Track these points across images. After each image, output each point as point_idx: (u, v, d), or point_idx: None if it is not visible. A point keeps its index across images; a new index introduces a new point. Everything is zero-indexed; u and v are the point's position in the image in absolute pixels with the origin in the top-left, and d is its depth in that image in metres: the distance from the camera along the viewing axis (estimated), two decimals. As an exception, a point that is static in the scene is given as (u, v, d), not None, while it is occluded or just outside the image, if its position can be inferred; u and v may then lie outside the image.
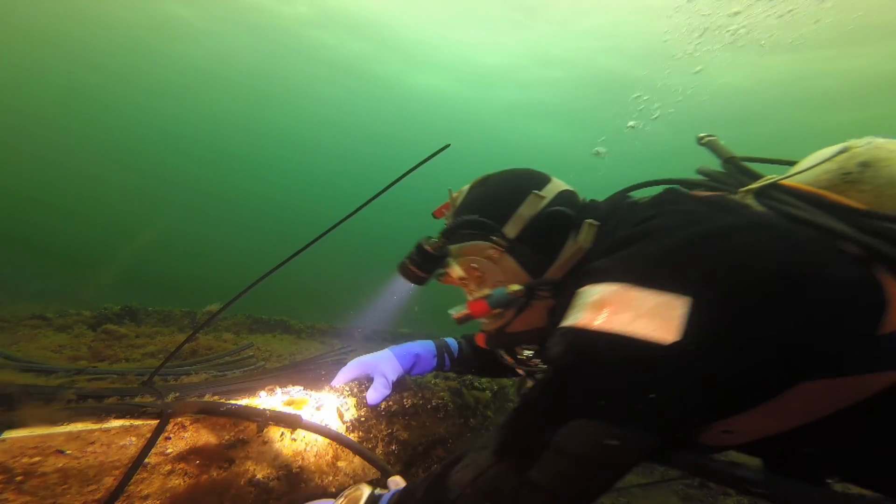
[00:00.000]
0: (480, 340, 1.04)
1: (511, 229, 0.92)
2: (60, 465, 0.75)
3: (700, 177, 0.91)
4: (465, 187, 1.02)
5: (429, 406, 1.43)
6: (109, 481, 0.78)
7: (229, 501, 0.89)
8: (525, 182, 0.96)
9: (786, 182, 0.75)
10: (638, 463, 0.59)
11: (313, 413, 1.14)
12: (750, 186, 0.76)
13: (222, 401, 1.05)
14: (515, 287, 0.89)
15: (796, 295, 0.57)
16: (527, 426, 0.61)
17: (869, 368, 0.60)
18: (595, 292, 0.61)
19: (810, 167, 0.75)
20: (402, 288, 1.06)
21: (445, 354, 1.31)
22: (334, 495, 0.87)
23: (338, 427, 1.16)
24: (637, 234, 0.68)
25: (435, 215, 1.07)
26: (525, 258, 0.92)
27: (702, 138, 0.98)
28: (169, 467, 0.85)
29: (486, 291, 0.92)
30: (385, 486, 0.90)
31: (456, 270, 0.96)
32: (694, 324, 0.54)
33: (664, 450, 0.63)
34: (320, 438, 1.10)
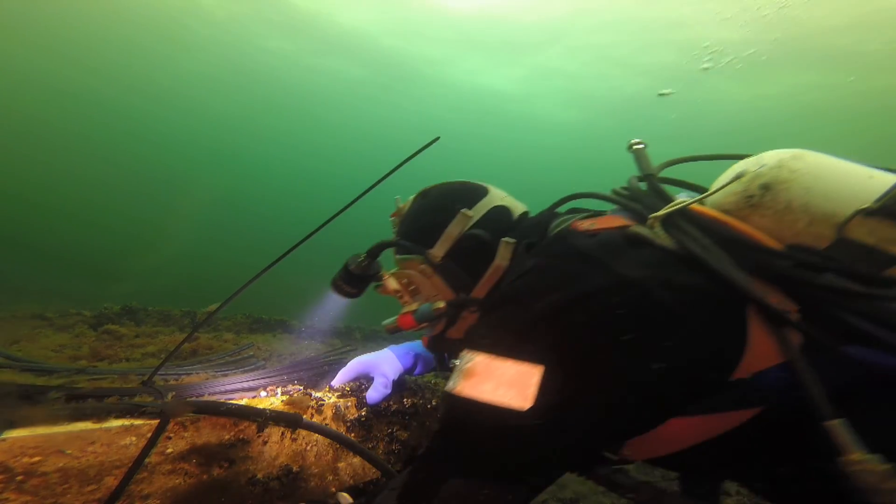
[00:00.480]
0: (425, 343, 1.13)
1: (440, 249, 0.98)
2: (61, 464, 0.76)
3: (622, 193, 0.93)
4: (411, 198, 1.09)
5: (429, 406, 1.42)
6: (110, 481, 0.78)
7: (230, 501, 0.89)
8: (457, 199, 1.02)
9: (694, 207, 0.76)
10: None
11: (313, 413, 1.14)
12: (657, 214, 0.77)
13: (222, 401, 1.05)
14: (440, 304, 0.97)
15: (646, 356, 0.64)
16: (420, 479, 0.69)
17: (730, 408, 0.68)
18: (468, 360, 0.68)
19: (720, 188, 0.76)
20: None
21: (445, 353, 1.33)
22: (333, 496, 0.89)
23: (338, 427, 1.16)
24: (511, 294, 0.75)
25: (392, 216, 1.15)
26: (452, 276, 0.99)
27: (631, 146, 0.98)
28: (169, 467, 0.85)
29: (414, 307, 1.01)
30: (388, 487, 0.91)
31: (391, 283, 1.05)
32: (545, 391, 0.61)
33: (584, 462, 0.76)
34: (321, 438, 1.10)
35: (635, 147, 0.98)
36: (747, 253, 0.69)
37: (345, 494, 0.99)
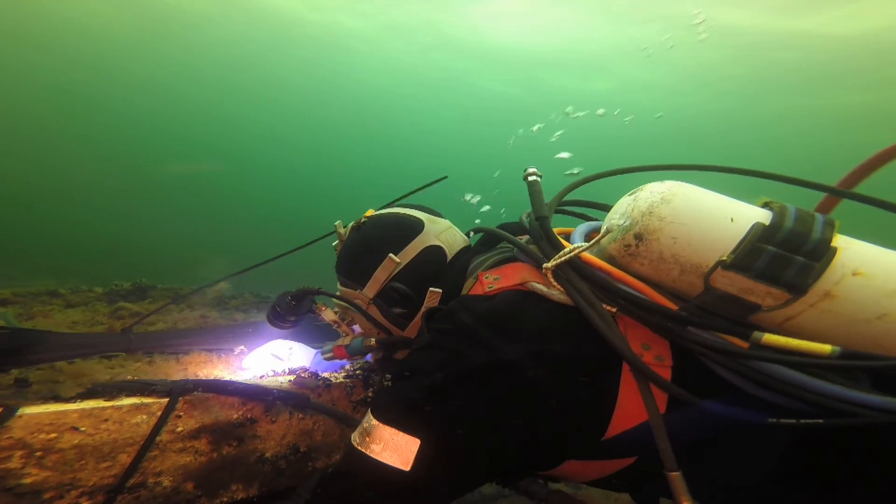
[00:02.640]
0: (373, 360, 1.24)
1: (370, 290, 1.04)
2: (76, 441, 0.77)
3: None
4: (348, 226, 1.14)
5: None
6: (124, 458, 0.80)
7: (240, 479, 0.91)
8: (389, 240, 1.05)
9: (583, 256, 0.80)
10: None
11: (321, 393, 1.15)
12: (547, 265, 0.81)
13: (230, 379, 1.06)
14: (370, 341, 1.05)
15: (517, 428, 0.74)
16: (318, 498, 0.80)
17: (609, 458, 0.78)
18: (368, 420, 0.79)
19: (605, 234, 0.81)
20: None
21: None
22: None
23: (344, 407, 1.18)
24: (406, 367, 0.83)
25: (334, 245, 1.20)
26: (385, 313, 1.05)
27: (526, 176, 0.99)
28: (180, 445, 0.87)
29: (347, 341, 1.09)
30: None
31: (327, 315, 1.12)
32: (420, 458, 0.72)
33: (506, 477, 0.90)
34: (328, 418, 1.11)
35: (530, 179, 0.98)
36: (627, 305, 0.75)
37: None
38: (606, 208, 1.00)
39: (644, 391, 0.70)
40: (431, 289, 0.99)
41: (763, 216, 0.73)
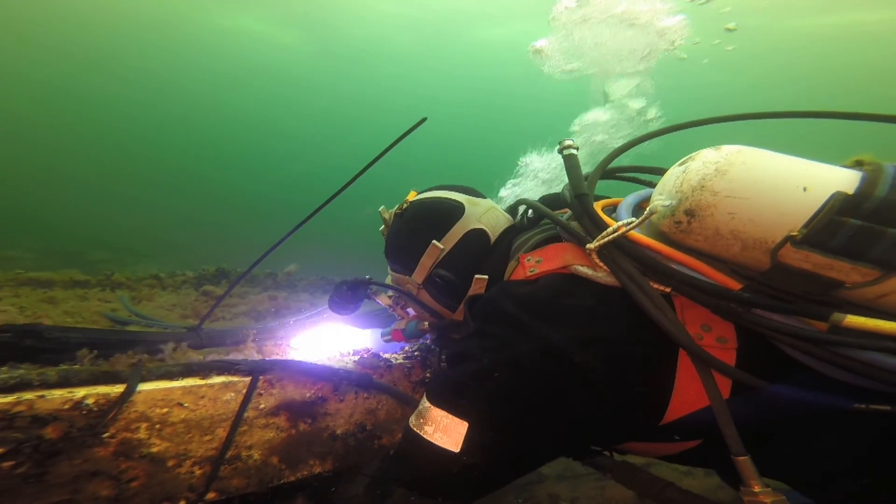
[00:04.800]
0: (431, 341, 1.30)
1: (418, 276, 1.05)
2: (183, 416, 0.90)
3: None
4: (391, 212, 1.15)
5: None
6: (220, 432, 0.91)
7: (316, 455, 1.01)
8: (430, 226, 1.05)
9: (631, 235, 0.74)
10: None
11: (382, 373, 1.22)
12: (591, 246, 0.78)
13: (301, 360, 1.16)
14: (425, 325, 1.08)
15: (567, 413, 0.74)
16: (382, 477, 0.89)
17: (669, 441, 0.77)
18: (423, 403, 0.82)
19: (651, 214, 0.75)
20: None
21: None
22: None
23: (404, 387, 1.24)
24: (457, 354, 0.84)
25: (382, 230, 1.22)
26: (435, 296, 1.06)
27: (561, 149, 0.93)
28: (263, 421, 0.97)
29: (403, 324, 1.13)
30: None
31: (383, 300, 1.16)
32: (469, 441, 0.73)
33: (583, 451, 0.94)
34: (390, 398, 1.18)
35: (566, 152, 0.91)
36: (682, 287, 0.70)
37: None
38: (661, 172, 0.92)
39: (704, 376, 0.66)
40: (477, 276, 0.98)
41: (849, 181, 0.62)
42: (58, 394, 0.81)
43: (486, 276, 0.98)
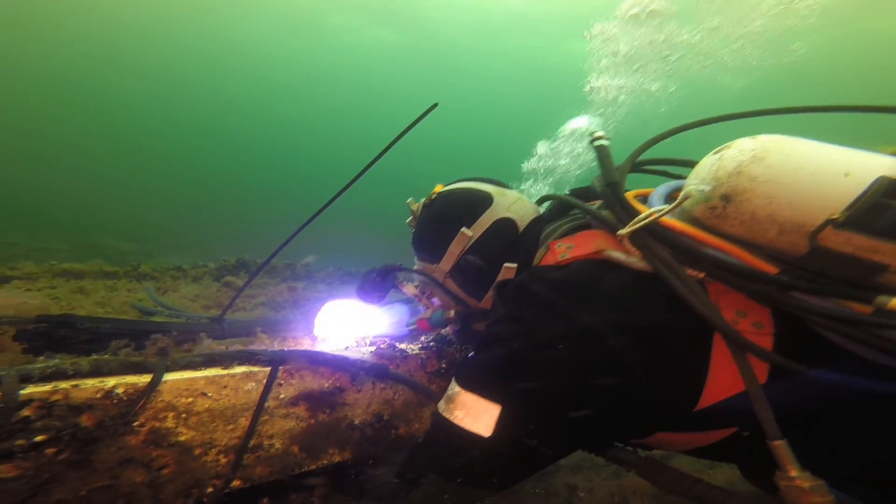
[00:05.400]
0: (452, 332, 1.28)
1: (445, 264, 1.05)
2: (207, 405, 0.93)
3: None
4: (420, 204, 1.15)
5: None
6: (243, 421, 0.94)
7: (335, 444, 1.03)
8: (459, 214, 1.05)
9: (663, 220, 0.74)
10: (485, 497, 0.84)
11: (398, 364, 1.23)
12: (622, 232, 0.77)
13: (319, 350, 1.18)
14: (450, 314, 1.08)
15: (600, 397, 0.72)
16: (412, 465, 0.85)
17: (702, 430, 0.75)
18: (452, 388, 0.82)
19: (685, 199, 0.75)
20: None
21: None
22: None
23: (420, 378, 1.25)
24: (486, 338, 0.83)
25: (408, 222, 1.22)
26: (461, 285, 1.06)
27: (592, 140, 0.94)
28: (284, 411, 1.00)
29: (428, 314, 1.13)
30: None
31: (409, 290, 1.17)
32: (501, 424, 0.73)
33: (592, 446, 0.91)
34: (407, 388, 1.19)
35: (598, 143, 0.92)
36: (716, 271, 0.69)
37: None
38: (691, 164, 0.91)
39: (740, 360, 0.65)
40: (507, 264, 0.98)
41: (891, 167, 0.63)
42: (90, 383, 0.84)
43: (515, 264, 0.98)
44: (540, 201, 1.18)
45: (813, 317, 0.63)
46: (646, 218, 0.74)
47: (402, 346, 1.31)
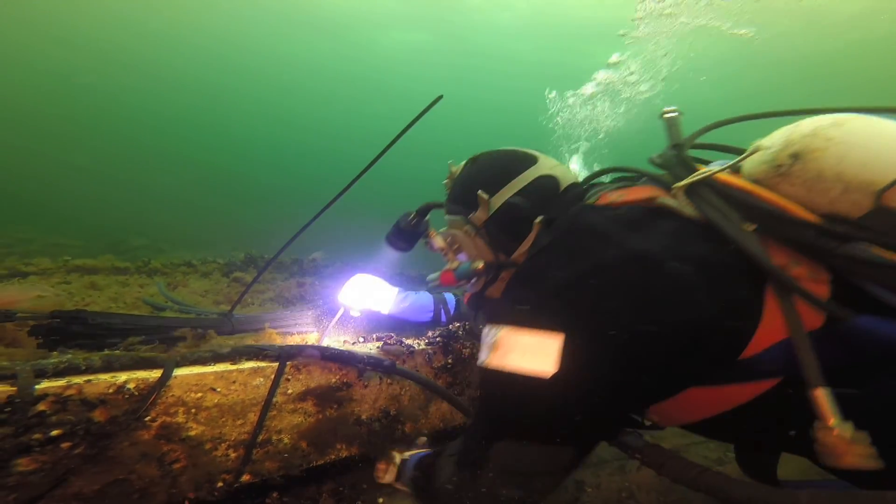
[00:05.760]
0: (466, 299, 1.21)
1: (482, 213, 1.02)
2: (216, 400, 0.94)
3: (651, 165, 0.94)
4: (461, 164, 1.13)
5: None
6: (252, 416, 0.95)
7: (342, 439, 1.04)
8: (504, 166, 1.05)
9: (720, 176, 0.75)
10: (565, 468, 0.73)
11: (405, 360, 1.23)
12: (679, 184, 0.77)
13: (327, 346, 1.19)
14: (479, 264, 1.02)
15: (655, 327, 0.66)
16: (472, 444, 0.77)
17: (746, 379, 0.70)
18: (492, 334, 0.73)
19: (749, 155, 0.76)
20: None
21: (442, 309, 1.48)
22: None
23: (426, 373, 1.25)
24: (527, 271, 0.79)
25: (446, 182, 1.21)
26: (493, 239, 1.03)
27: (663, 114, 0.97)
28: (292, 406, 1.01)
29: (455, 265, 1.07)
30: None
31: (437, 241, 1.12)
32: (567, 357, 0.65)
33: (611, 427, 0.83)
34: (413, 384, 1.20)
35: (668, 116, 0.95)
36: (771, 222, 0.70)
37: (423, 438, 1.10)
38: (739, 152, 0.91)
39: (789, 306, 0.65)
40: (539, 218, 0.96)
41: None
42: (103, 378, 0.86)
43: (556, 216, 0.96)
44: (585, 180, 1.17)
45: (869, 270, 0.63)
46: (703, 174, 0.76)
47: (409, 341, 1.31)
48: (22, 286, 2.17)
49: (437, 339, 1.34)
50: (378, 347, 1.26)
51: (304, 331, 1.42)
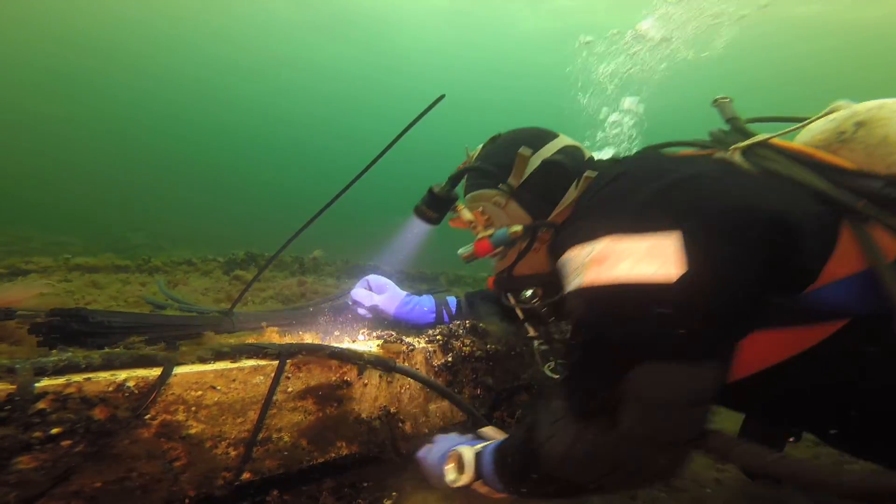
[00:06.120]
0: (490, 284, 1.16)
1: (515, 178, 1.00)
2: (216, 399, 0.94)
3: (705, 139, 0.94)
4: (480, 146, 1.13)
5: (512, 353, 1.45)
6: (252, 415, 0.95)
7: (342, 437, 1.04)
8: (531, 135, 1.05)
9: (774, 141, 0.77)
10: (713, 390, 0.63)
11: (405, 358, 1.23)
12: (737, 145, 0.79)
13: (327, 343, 1.19)
14: (516, 228, 0.98)
15: (754, 229, 0.61)
16: (594, 385, 0.66)
17: (813, 319, 0.65)
18: (589, 251, 0.64)
19: (809, 123, 0.79)
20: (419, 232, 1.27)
21: (444, 311, 1.50)
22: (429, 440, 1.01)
23: (426, 371, 1.25)
24: (608, 193, 0.73)
25: (463, 166, 1.17)
26: (527, 204, 1.01)
27: (716, 100, 0.99)
28: (292, 404, 1.01)
29: (491, 232, 1.03)
30: (473, 431, 1.02)
31: (465, 214, 1.08)
32: (691, 254, 0.58)
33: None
34: (413, 382, 1.20)
35: (721, 101, 0.97)
36: (833, 175, 0.70)
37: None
38: (798, 120, 0.94)
39: (863, 236, 0.63)
40: (586, 173, 0.95)
41: None
42: (102, 376, 0.86)
43: (595, 174, 0.94)
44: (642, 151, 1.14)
45: None
46: (761, 138, 0.78)
47: (409, 339, 1.31)
48: (26, 284, 2.17)
49: (437, 336, 1.34)
50: (378, 345, 1.25)
51: (305, 329, 1.42)
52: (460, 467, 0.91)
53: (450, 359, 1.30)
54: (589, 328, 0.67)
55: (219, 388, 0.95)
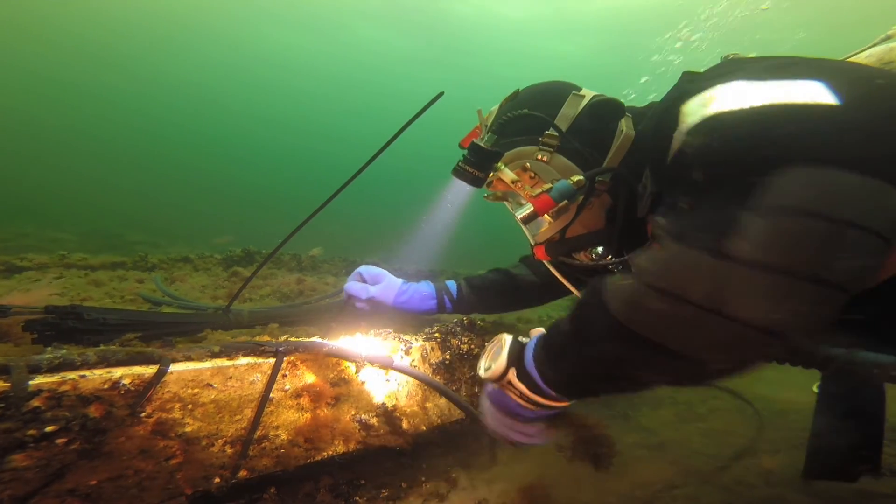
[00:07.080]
0: (540, 253, 1.05)
1: (563, 121, 0.95)
2: (212, 396, 0.93)
3: None
4: (495, 107, 1.04)
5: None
6: (248, 413, 0.94)
7: (339, 435, 1.04)
8: (561, 87, 0.99)
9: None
10: (882, 228, 0.48)
11: (403, 356, 1.23)
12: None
13: (324, 341, 1.18)
14: (577, 177, 0.89)
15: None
16: (711, 208, 0.54)
17: None
18: (714, 91, 0.57)
19: (857, 53, 0.77)
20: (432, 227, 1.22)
21: (445, 296, 1.41)
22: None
23: (424, 369, 1.25)
24: (718, 71, 0.64)
25: (462, 145, 1.07)
26: (575, 154, 0.94)
27: (727, 56, 0.90)
28: (289, 402, 1.00)
29: (548, 186, 0.91)
30: (471, 429, 1.00)
31: (507, 175, 0.96)
32: (846, 94, 0.51)
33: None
34: (411, 379, 1.20)
35: (731, 56, 0.89)
36: None
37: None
38: None
39: None
40: (627, 114, 0.93)
41: None
42: (98, 374, 0.85)
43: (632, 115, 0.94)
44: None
45: None
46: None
47: (407, 336, 1.31)
48: (39, 287, 2.15)
49: (435, 334, 1.34)
50: (376, 343, 1.25)
51: (303, 326, 1.42)
52: (497, 355, 0.78)
53: (447, 357, 1.30)
54: (716, 159, 0.55)
55: (215, 385, 0.94)
